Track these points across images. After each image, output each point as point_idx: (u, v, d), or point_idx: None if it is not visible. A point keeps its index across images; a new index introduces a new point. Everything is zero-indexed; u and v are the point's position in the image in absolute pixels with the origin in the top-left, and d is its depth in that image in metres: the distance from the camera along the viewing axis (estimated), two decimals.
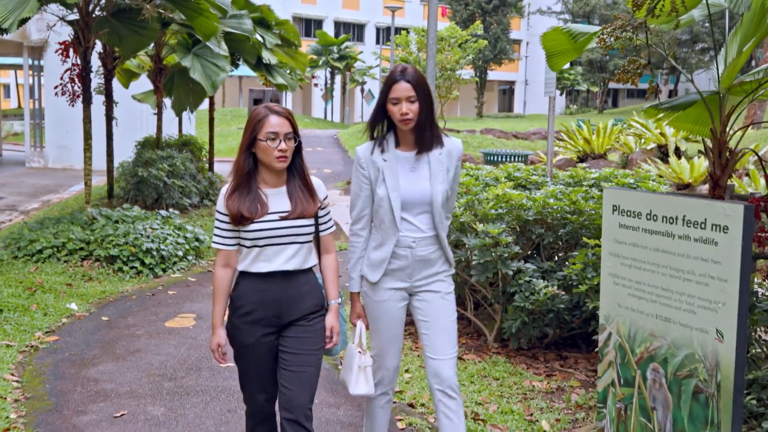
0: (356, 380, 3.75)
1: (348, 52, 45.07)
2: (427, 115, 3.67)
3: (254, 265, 3.43)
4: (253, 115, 3.42)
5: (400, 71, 3.68)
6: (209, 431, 4.84)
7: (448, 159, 3.77)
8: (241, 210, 3.36)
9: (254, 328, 3.44)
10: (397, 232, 3.71)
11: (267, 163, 3.41)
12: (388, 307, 3.82)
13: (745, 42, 5.61)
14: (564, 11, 57.56)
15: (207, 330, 7.06)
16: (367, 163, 3.75)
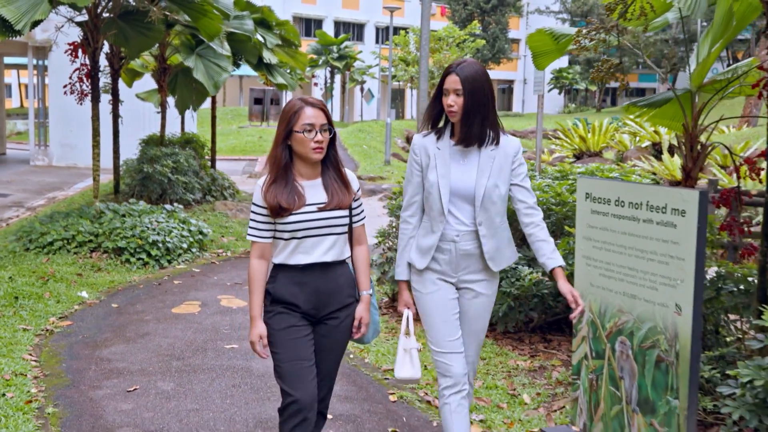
0: (402, 364, 3.77)
1: (348, 51, 45.46)
2: (474, 110, 3.66)
3: (293, 257, 3.45)
4: (288, 108, 3.45)
5: (456, 64, 3.71)
6: (215, 403, 5.23)
7: (502, 156, 3.77)
8: (279, 201, 3.38)
9: (292, 315, 3.48)
10: (445, 219, 3.74)
11: (303, 154, 3.43)
12: (439, 297, 3.81)
13: (714, 43, 6.00)
14: (562, 11, 57.98)
15: (212, 315, 7.47)
16: (420, 150, 3.81)
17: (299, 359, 3.45)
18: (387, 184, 21.50)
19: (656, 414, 4.29)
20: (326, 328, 3.54)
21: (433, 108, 3.79)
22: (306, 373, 3.44)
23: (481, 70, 3.69)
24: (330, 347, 3.57)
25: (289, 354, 3.45)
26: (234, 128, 35.20)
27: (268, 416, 5.02)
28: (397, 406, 5.27)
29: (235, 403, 5.24)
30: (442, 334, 3.78)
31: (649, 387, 4.34)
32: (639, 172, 8.93)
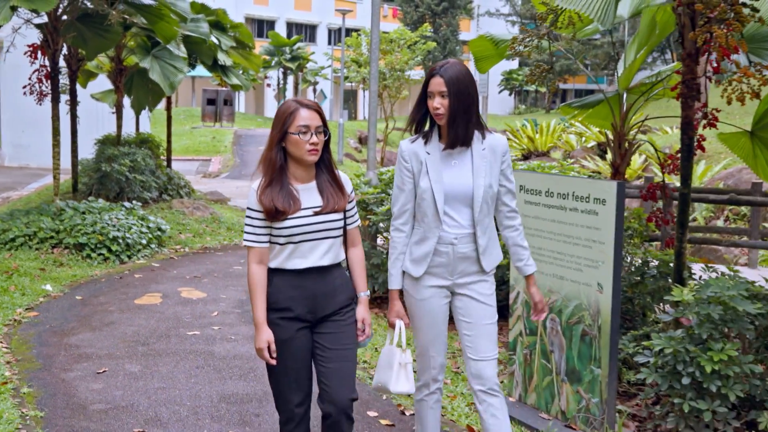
0: (397, 377, 3.74)
1: (300, 52, 45.77)
2: (460, 112, 3.62)
3: (289, 261, 3.42)
4: (282, 109, 3.42)
5: (439, 66, 3.68)
6: (181, 382, 5.63)
7: (491, 155, 3.74)
8: (275, 204, 3.34)
9: (290, 323, 3.43)
10: (440, 225, 3.70)
11: (298, 156, 3.39)
12: (431, 305, 3.79)
13: (639, 49, 6.55)
14: (512, 13, 58.88)
15: (173, 306, 7.84)
16: (410, 156, 3.73)
17: (295, 370, 3.47)
18: None
19: (582, 382, 4.79)
20: (330, 325, 3.51)
21: (418, 111, 3.75)
22: (301, 381, 3.49)
23: (464, 71, 3.65)
24: (339, 341, 3.50)
25: (283, 368, 3.45)
26: (187, 129, 35.31)
27: (231, 392, 5.43)
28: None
29: (200, 382, 5.64)
30: (428, 340, 3.83)
31: (575, 358, 4.84)
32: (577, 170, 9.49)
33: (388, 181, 8.13)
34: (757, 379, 4.48)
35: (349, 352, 3.52)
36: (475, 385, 3.78)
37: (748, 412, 4.61)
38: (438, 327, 3.83)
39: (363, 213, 7.86)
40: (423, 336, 3.83)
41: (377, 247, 8.15)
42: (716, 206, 14.98)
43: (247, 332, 6.99)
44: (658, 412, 4.66)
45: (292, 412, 3.52)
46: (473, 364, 3.78)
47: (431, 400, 3.92)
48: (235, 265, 10.19)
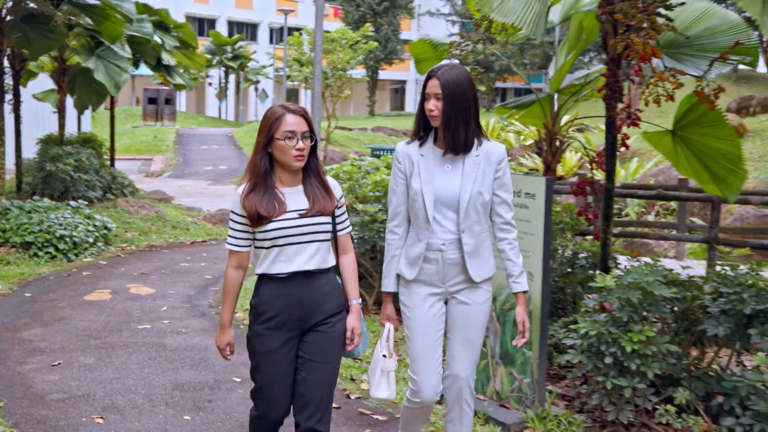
0: (378, 384, 3.73)
1: (242, 51, 45.78)
2: (456, 116, 3.59)
3: (274, 266, 3.38)
4: (269, 114, 3.40)
5: (438, 68, 3.66)
6: (134, 372, 5.86)
7: (485, 162, 3.69)
8: (258, 209, 3.32)
9: (278, 333, 3.40)
10: (430, 228, 3.68)
11: (284, 162, 3.37)
12: (423, 314, 3.75)
13: (569, 52, 6.95)
14: (452, 13, 59.49)
15: (123, 301, 8.03)
16: (403, 158, 3.73)
17: (276, 383, 3.43)
18: None
19: (515, 364, 5.16)
20: (317, 336, 3.45)
21: (420, 114, 3.72)
22: (283, 394, 3.45)
23: (463, 74, 3.62)
24: (322, 354, 3.45)
25: (267, 377, 3.43)
26: (128, 128, 35.12)
27: (184, 381, 5.68)
28: None
29: (153, 372, 5.88)
30: (421, 350, 3.75)
31: (508, 342, 5.20)
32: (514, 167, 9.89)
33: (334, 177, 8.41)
34: (674, 358, 4.88)
35: (330, 365, 3.46)
36: (447, 393, 3.82)
37: (666, 388, 5.02)
38: (432, 338, 3.74)
39: None
40: (415, 346, 3.76)
41: None
42: (647, 202, 15.58)
43: (197, 325, 7.23)
44: (585, 390, 5.05)
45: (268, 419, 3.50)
46: (448, 368, 3.81)
47: (419, 411, 3.86)
48: (182, 262, 10.38)
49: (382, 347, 3.76)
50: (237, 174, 24.64)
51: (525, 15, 5.05)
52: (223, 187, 21.87)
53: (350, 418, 5.05)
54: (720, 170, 6.41)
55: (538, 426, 4.88)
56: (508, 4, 5.04)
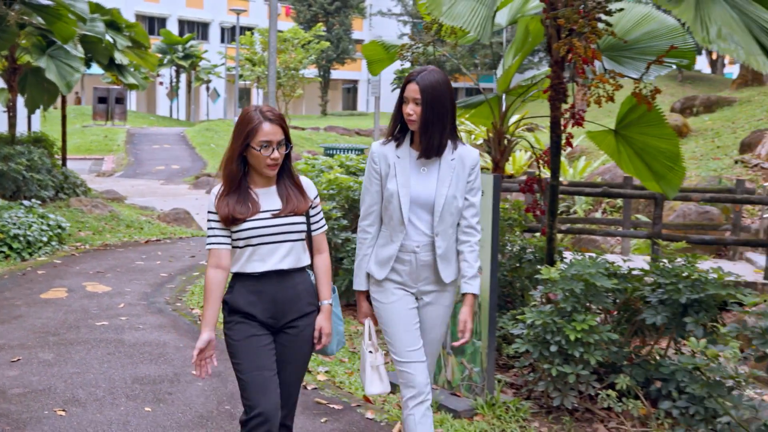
0: (371, 380, 3.75)
1: (193, 51, 45.60)
2: (433, 120, 3.61)
3: (248, 265, 3.41)
4: (245, 121, 3.39)
5: (417, 72, 3.67)
6: (94, 367, 5.97)
7: (460, 166, 3.72)
8: (231, 212, 3.35)
9: (250, 326, 3.42)
10: (404, 230, 3.69)
11: (258, 169, 3.39)
12: (399, 307, 3.75)
13: (516, 54, 7.20)
14: (403, 13, 59.84)
15: (80, 299, 8.11)
16: (379, 158, 3.74)
17: (261, 369, 3.39)
18: None
19: (465, 354, 5.38)
20: (286, 338, 3.48)
21: (396, 116, 3.73)
22: (269, 383, 3.39)
23: (442, 79, 3.64)
24: (292, 357, 3.50)
25: (250, 364, 3.39)
26: (78, 127, 34.81)
27: (144, 375, 5.81)
28: None
29: (113, 367, 5.99)
30: (405, 344, 3.73)
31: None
32: None
33: None
34: (615, 346, 5.15)
35: (300, 367, 3.53)
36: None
37: (608, 375, 5.28)
38: (411, 329, 3.75)
39: None
40: (398, 341, 3.73)
41: None
42: (594, 199, 15.97)
43: (155, 322, 7.34)
44: (532, 378, 5.30)
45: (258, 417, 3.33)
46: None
47: (418, 414, 3.72)
48: (137, 261, 10.46)
49: (366, 344, 3.78)
50: (189, 173, 24.62)
51: (472, 19, 5.27)
52: (176, 186, 21.86)
53: (307, 407, 5.23)
54: (660, 168, 6.69)
55: (487, 413, 5.11)
56: (456, 8, 5.25)
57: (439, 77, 3.63)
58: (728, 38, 4.66)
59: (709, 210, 13.05)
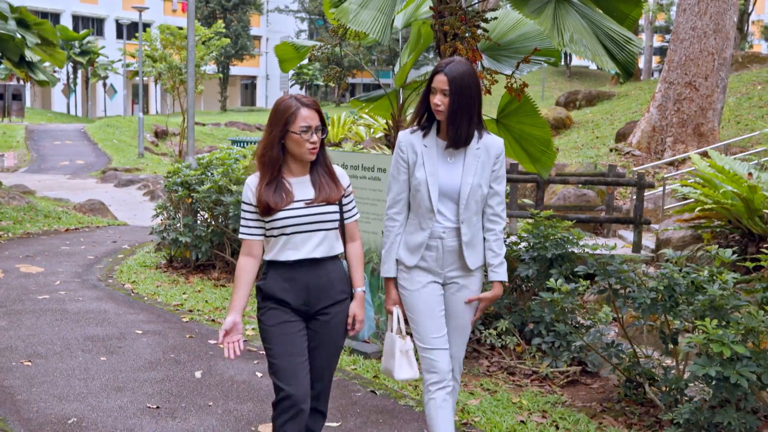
0: (400, 365, 3.78)
1: (90, 47, 45.34)
2: (461, 111, 3.66)
3: (282, 253, 3.45)
4: (283, 108, 3.43)
5: (445, 63, 3.72)
6: (46, 330, 6.76)
7: (485, 155, 3.77)
8: (268, 201, 3.40)
9: (282, 312, 3.48)
10: (434, 216, 3.74)
11: (298, 154, 3.44)
12: (425, 294, 3.81)
13: (410, 53, 8.26)
14: (300, 10, 60.62)
15: (17, 278, 8.81)
16: (407, 147, 3.79)
17: (292, 355, 3.46)
18: (144, 174, 22.74)
19: (373, 306, 6.42)
20: (319, 324, 3.54)
21: (422, 105, 3.79)
22: (299, 368, 3.46)
23: (469, 71, 3.69)
24: (324, 343, 3.55)
25: (282, 349, 3.46)
26: None
27: (93, 334, 6.64)
28: (190, 323, 7.07)
29: (63, 329, 6.80)
30: (429, 330, 3.80)
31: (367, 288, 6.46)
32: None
33: (206, 164, 9.46)
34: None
35: (333, 350, 3.60)
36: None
37: (491, 322, 6.40)
38: (436, 316, 3.82)
39: (186, 191, 9.16)
40: (423, 328, 3.81)
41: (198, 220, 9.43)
42: None
43: (92, 295, 8.13)
44: None
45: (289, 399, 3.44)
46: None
47: (439, 398, 3.81)
48: (62, 246, 11.13)
49: (395, 330, 3.83)
50: (95, 168, 24.97)
51: (374, 25, 6.27)
52: (83, 180, 22.26)
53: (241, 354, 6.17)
54: (535, 152, 7.85)
55: None
56: (360, 16, 6.24)
57: (467, 68, 3.70)
58: (578, 42, 5.83)
59: (586, 193, 14.47)
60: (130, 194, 19.75)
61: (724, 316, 4.46)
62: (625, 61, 6.03)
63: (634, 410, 5.21)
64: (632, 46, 6.06)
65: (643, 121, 17.98)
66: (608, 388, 5.70)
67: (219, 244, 9.24)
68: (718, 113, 17.05)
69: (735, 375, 4.12)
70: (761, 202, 8.94)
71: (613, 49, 6.03)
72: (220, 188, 8.91)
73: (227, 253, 9.27)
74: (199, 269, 9.41)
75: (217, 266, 9.35)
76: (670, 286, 4.81)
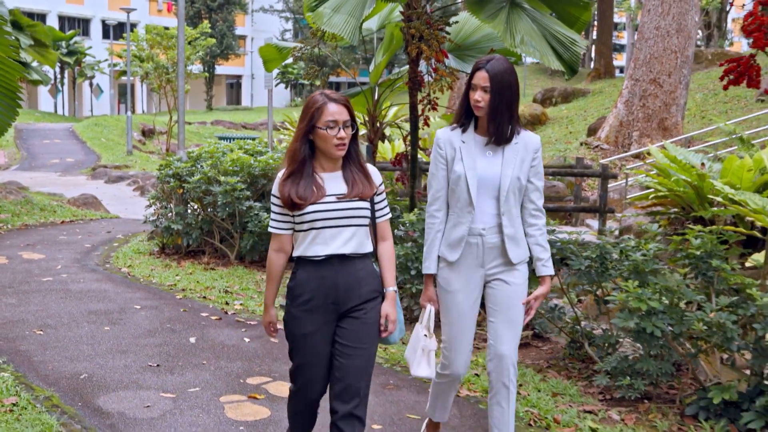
0: (419, 362, 3.84)
1: (77, 47, 45.88)
2: (500, 108, 3.71)
3: (311, 248, 3.41)
4: (310, 103, 3.43)
5: (486, 60, 3.76)
6: (53, 306, 7.45)
7: (524, 150, 3.82)
8: (291, 196, 3.37)
9: (313, 316, 3.44)
10: (473, 210, 3.79)
11: (325, 150, 3.41)
12: (460, 298, 3.86)
13: (384, 53, 9.00)
14: (285, 9, 61.24)
15: (21, 264, 9.49)
16: (445, 144, 3.86)
17: (311, 365, 3.51)
18: (133, 171, 23.41)
19: None
20: (351, 321, 3.47)
21: (464, 102, 3.84)
22: (316, 375, 3.53)
23: (509, 68, 3.74)
24: (357, 340, 3.47)
25: (302, 359, 3.52)
26: None
27: (96, 309, 7.33)
28: (183, 300, 7.79)
29: (68, 305, 7.49)
30: (455, 331, 3.90)
31: None
32: None
33: (196, 157, 10.17)
34: None
35: (366, 351, 3.48)
36: (491, 370, 3.89)
37: None
38: (465, 321, 3.89)
39: (178, 183, 9.87)
40: (450, 328, 3.91)
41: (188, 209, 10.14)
42: None
43: (92, 277, 8.83)
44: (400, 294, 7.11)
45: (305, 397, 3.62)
46: (492, 350, 3.88)
47: (447, 384, 4.09)
48: (60, 236, 11.81)
49: (423, 327, 3.88)
50: (85, 166, 25.61)
51: (345, 27, 6.99)
52: (75, 177, 22.88)
53: (230, 324, 6.90)
54: None
55: None
56: (333, 20, 6.97)
57: (507, 65, 3.75)
58: (528, 43, 6.58)
59: (556, 185, 15.25)
60: (121, 190, 20.41)
61: (644, 279, 5.22)
62: (570, 60, 6.79)
63: (575, 366, 5.97)
64: (576, 46, 6.82)
65: (611, 117, 18.86)
66: (557, 349, 6.46)
67: (208, 231, 9.95)
68: (681, 108, 17.93)
69: (651, 326, 4.87)
70: (710, 189, 9.72)
71: (560, 50, 6.79)
72: (209, 179, 9.62)
73: (216, 239, 9.98)
74: (189, 255, 10.12)
75: (207, 252, 10.06)
76: (602, 254, 5.58)
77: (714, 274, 5.15)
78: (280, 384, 5.41)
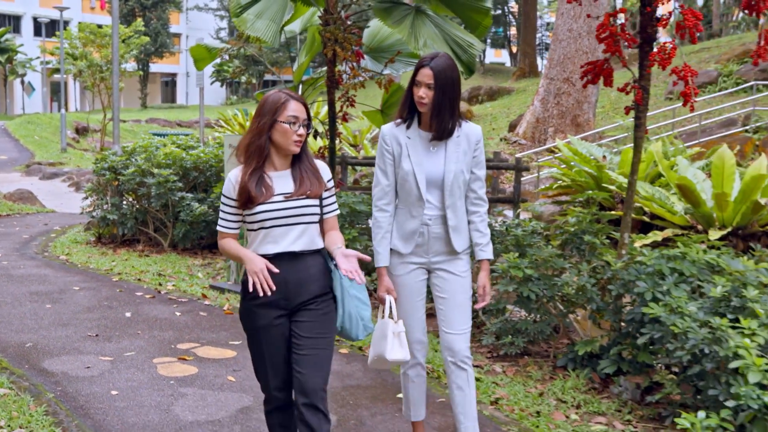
0: (392, 346, 3.81)
1: (8, 44, 45.53)
2: (444, 104, 3.76)
3: (262, 247, 3.44)
4: (273, 99, 3.44)
5: (430, 57, 3.80)
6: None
7: (466, 142, 3.88)
8: (251, 190, 3.40)
9: (265, 310, 3.47)
10: (424, 204, 3.87)
11: (283, 145, 3.42)
12: (407, 280, 3.96)
13: (306, 54, 9.71)
14: (220, 8, 61.38)
15: None
16: (391, 140, 3.91)
17: (270, 356, 3.54)
18: (67, 168, 23.72)
19: None
20: (305, 314, 3.49)
21: (407, 98, 3.88)
22: (275, 368, 3.56)
23: (452, 65, 3.79)
24: (314, 332, 3.49)
25: (261, 353, 3.56)
26: None
27: (37, 290, 7.90)
28: (119, 282, 8.41)
29: (11, 288, 8.04)
30: (409, 310, 4.00)
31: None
32: None
33: (131, 151, 10.77)
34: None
35: (323, 341, 3.50)
36: (447, 356, 3.98)
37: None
38: (413, 301, 4.00)
39: (113, 175, 10.46)
40: (403, 308, 3.98)
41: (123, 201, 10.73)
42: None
43: (32, 264, 9.38)
44: None
45: (270, 395, 3.63)
46: (446, 336, 3.97)
47: (413, 374, 4.13)
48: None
49: (386, 315, 3.89)
50: (19, 163, 25.77)
51: (266, 32, 7.68)
52: (8, 174, 23.09)
53: (163, 301, 7.56)
54: None
55: None
56: (255, 24, 7.66)
57: (450, 62, 3.81)
58: (431, 47, 7.36)
59: None
60: (56, 186, 20.75)
61: (523, 251, 6.05)
62: (468, 62, 7.60)
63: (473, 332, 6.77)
64: (474, 49, 7.63)
65: (528, 114, 19.88)
66: None
67: (143, 221, 10.56)
68: (593, 106, 19.02)
69: (527, 290, 5.69)
70: (607, 179, 10.68)
71: (459, 52, 7.59)
72: (144, 172, 10.23)
73: (150, 228, 10.58)
74: (125, 243, 10.71)
75: (142, 240, 10.66)
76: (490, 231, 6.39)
77: (585, 248, 6.01)
78: (208, 348, 6.11)
